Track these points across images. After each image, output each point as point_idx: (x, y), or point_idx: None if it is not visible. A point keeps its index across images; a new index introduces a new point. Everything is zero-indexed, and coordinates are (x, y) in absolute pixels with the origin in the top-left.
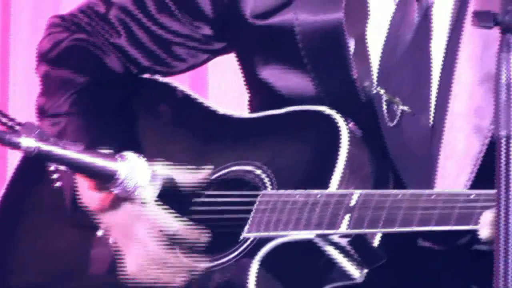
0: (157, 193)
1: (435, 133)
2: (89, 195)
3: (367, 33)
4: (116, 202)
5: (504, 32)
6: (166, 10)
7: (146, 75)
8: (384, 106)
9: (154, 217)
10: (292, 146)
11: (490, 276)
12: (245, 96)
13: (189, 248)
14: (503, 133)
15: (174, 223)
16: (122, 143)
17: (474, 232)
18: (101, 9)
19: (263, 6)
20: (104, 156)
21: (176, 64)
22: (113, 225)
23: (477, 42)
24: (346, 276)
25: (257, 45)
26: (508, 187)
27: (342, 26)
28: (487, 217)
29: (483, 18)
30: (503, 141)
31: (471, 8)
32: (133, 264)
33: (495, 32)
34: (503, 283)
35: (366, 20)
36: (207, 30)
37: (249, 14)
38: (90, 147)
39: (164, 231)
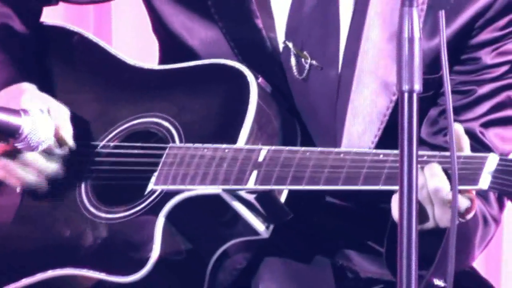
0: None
1: (342, 89)
2: None
3: None
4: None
5: None
6: None
7: (55, 23)
8: (293, 60)
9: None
10: (201, 99)
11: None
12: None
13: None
14: (405, 87)
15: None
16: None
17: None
18: None
19: None
20: (8, 111)
21: None
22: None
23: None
24: (252, 231)
25: None
26: (411, 142)
27: None
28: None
29: None
30: (406, 96)
31: None
32: None
33: None
34: (406, 248)
35: None
36: None
37: None
38: None
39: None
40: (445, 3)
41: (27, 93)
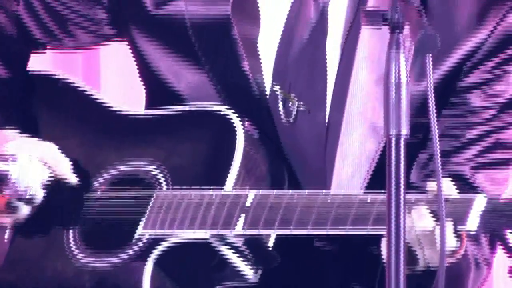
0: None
1: (331, 131)
2: None
3: (262, 31)
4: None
5: (393, 30)
6: None
7: (43, 71)
8: (280, 103)
9: None
10: (187, 144)
11: (377, 277)
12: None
13: None
14: (393, 131)
15: None
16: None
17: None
18: None
19: None
20: None
21: (66, 41)
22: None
23: (375, 42)
24: (240, 276)
25: (153, 37)
26: (399, 186)
27: (230, 20)
28: None
29: (372, 17)
30: (393, 140)
31: (371, 5)
32: None
33: None
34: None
35: (256, 18)
36: (102, 14)
37: (149, 2)
38: None
39: None
40: (432, 47)
41: (13, 140)
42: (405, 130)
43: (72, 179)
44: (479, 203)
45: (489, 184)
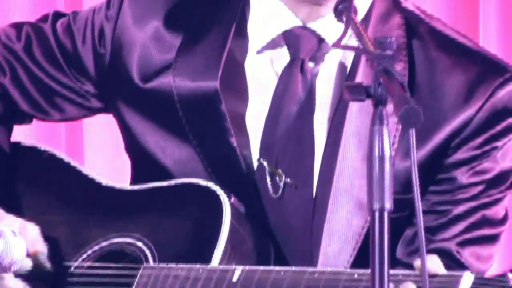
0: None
1: (318, 208)
2: None
3: (249, 105)
4: None
5: (376, 104)
6: (55, 60)
7: (26, 142)
8: (267, 178)
9: None
10: (174, 219)
11: None
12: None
13: None
14: (376, 206)
15: None
16: None
17: None
18: None
19: (146, 67)
20: None
21: (53, 113)
22: None
23: (363, 118)
24: None
25: (141, 111)
26: (382, 260)
27: (218, 94)
28: None
29: (355, 91)
30: (377, 214)
31: (359, 81)
32: None
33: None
34: None
35: (244, 93)
36: (89, 87)
37: (136, 76)
38: None
39: None
40: (415, 122)
41: None
42: (388, 205)
43: (44, 264)
44: (467, 280)
45: (475, 261)
